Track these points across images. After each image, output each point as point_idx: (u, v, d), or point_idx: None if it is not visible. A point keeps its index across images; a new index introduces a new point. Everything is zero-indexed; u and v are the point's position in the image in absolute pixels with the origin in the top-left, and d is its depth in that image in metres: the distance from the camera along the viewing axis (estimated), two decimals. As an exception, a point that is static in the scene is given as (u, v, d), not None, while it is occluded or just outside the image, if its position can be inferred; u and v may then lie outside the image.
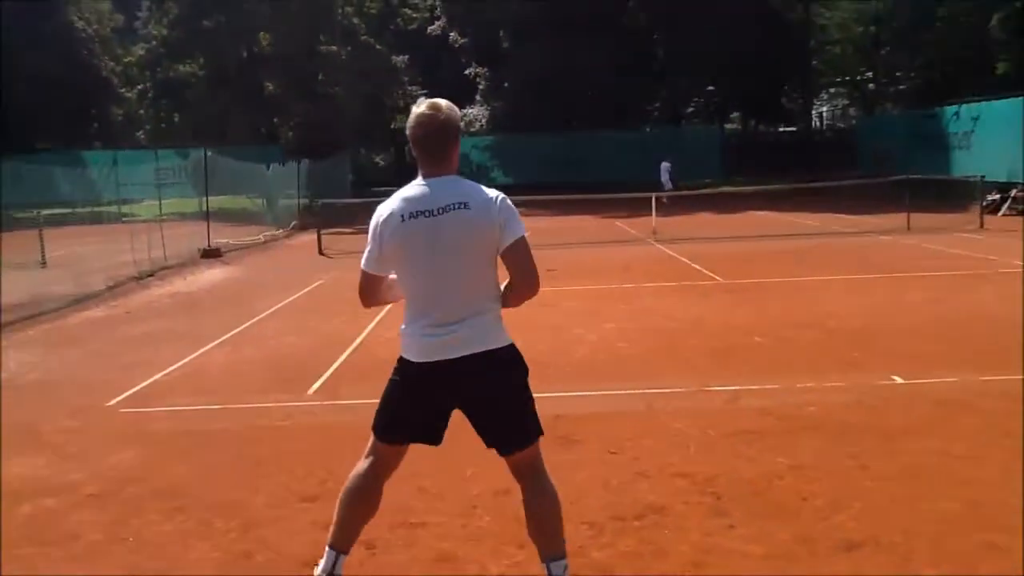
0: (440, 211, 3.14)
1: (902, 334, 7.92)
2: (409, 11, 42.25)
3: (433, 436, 3.37)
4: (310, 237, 19.87)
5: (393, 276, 3.34)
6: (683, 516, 4.17)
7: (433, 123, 3.19)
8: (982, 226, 16.95)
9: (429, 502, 4.45)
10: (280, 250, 19.56)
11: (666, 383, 6.51)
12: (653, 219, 18.60)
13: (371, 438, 3.43)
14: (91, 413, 6.37)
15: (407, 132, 3.25)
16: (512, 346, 3.29)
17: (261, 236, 21.31)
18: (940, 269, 11.93)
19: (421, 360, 3.22)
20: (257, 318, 10.12)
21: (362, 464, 3.42)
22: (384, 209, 3.22)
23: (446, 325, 3.17)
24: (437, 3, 43.44)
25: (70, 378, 7.54)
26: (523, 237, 3.21)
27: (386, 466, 3.44)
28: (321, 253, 17.34)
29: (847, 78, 44.29)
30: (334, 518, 3.43)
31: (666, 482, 4.60)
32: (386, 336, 8.77)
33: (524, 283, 3.23)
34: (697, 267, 13.00)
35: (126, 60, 46.17)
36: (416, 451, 5.23)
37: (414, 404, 3.31)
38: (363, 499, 3.42)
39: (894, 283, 11.04)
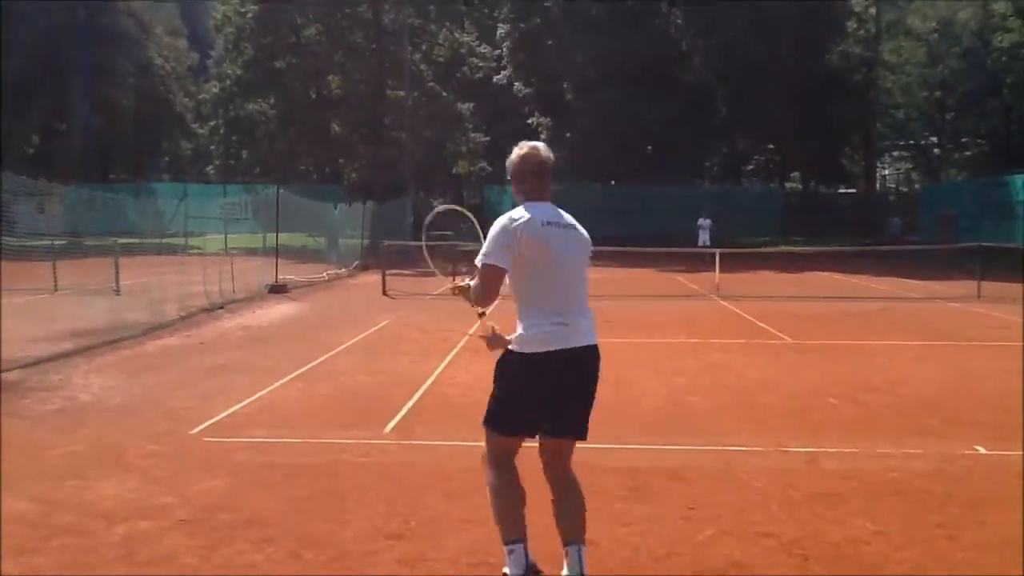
0: (567, 226, 3.88)
1: (979, 404, 7.79)
2: (476, 60, 43.09)
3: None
4: (372, 277, 20.17)
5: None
6: (772, 576, 4.16)
7: (546, 157, 3.93)
8: (1056, 297, 16.53)
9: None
10: (344, 289, 19.85)
11: (742, 441, 6.48)
12: (716, 275, 18.53)
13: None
14: (175, 440, 6.54)
15: (517, 164, 3.90)
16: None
17: (325, 274, 21.69)
18: (1014, 339, 11.66)
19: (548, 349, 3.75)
20: (328, 354, 10.29)
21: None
22: (516, 215, 3.76)
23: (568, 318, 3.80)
24: (503, 53, 44.27)
25: (152, 404, 7.72)
26: None
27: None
28: (385, 294, 17.59)
29: (911, 142, 43.95)
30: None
31: (751, 541, 4.58)
32: (454, 379, 8.89)
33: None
34: (763, 325, 12.92)
35: (199, 97, 47.72)
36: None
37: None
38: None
39: (966, 351, 10.85)
